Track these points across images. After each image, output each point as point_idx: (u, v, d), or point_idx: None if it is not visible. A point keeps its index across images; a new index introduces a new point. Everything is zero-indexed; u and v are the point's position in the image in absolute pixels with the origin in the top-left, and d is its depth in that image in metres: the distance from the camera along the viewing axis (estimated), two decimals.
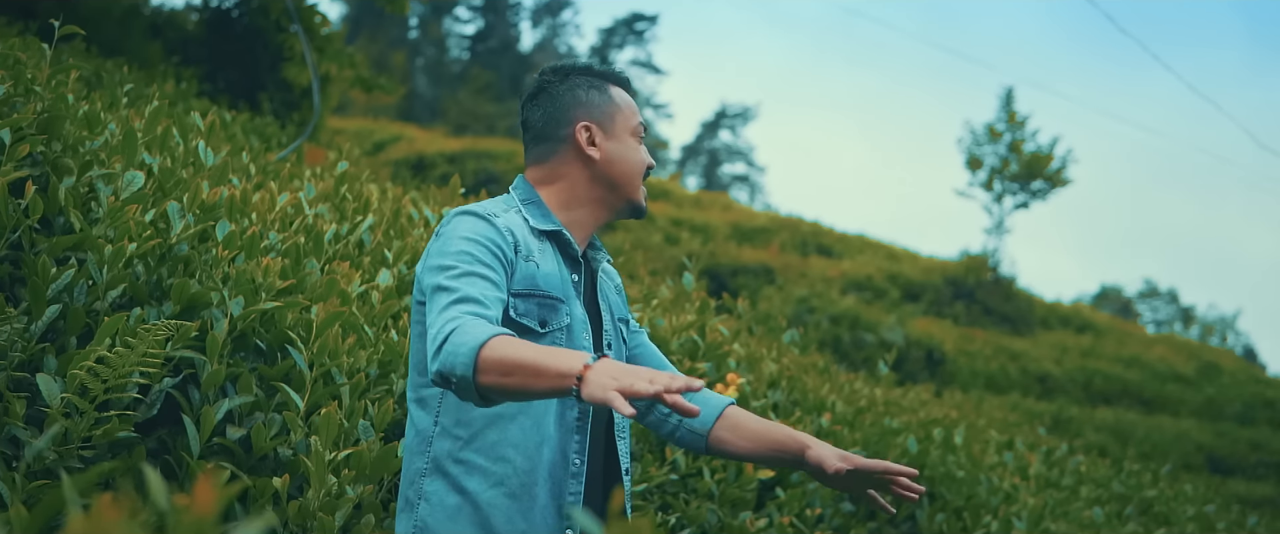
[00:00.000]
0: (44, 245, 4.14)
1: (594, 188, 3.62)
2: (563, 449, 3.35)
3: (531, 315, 3.35)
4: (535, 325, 3.35)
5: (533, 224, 3.51)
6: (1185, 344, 41.39)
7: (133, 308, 4.22)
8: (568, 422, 3.37)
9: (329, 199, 6.72)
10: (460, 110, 64.99)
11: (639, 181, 3.63)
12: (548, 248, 3.51)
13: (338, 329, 4.36)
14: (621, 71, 3.76)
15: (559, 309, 3.41)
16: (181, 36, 18.16)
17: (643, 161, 3.64)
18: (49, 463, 3.51)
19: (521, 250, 3.41)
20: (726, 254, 30.44)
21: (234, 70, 17.67)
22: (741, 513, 5.83)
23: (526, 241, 3.44)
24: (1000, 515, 7.73)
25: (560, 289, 3.44)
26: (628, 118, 3.66)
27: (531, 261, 3.41)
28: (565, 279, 3.49)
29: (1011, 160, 36.24)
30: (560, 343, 3.37)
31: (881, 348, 25.31)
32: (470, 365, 2.94)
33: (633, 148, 3.63)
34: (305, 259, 5.00)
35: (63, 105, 4.79)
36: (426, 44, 77.84)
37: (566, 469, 3.35)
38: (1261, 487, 23.92)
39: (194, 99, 13.12)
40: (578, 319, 3.46)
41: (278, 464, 4.13)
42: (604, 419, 3.52)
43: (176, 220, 4.48)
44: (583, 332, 3.46)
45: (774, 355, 8.40)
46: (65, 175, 4.51)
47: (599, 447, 3.50)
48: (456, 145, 36.82)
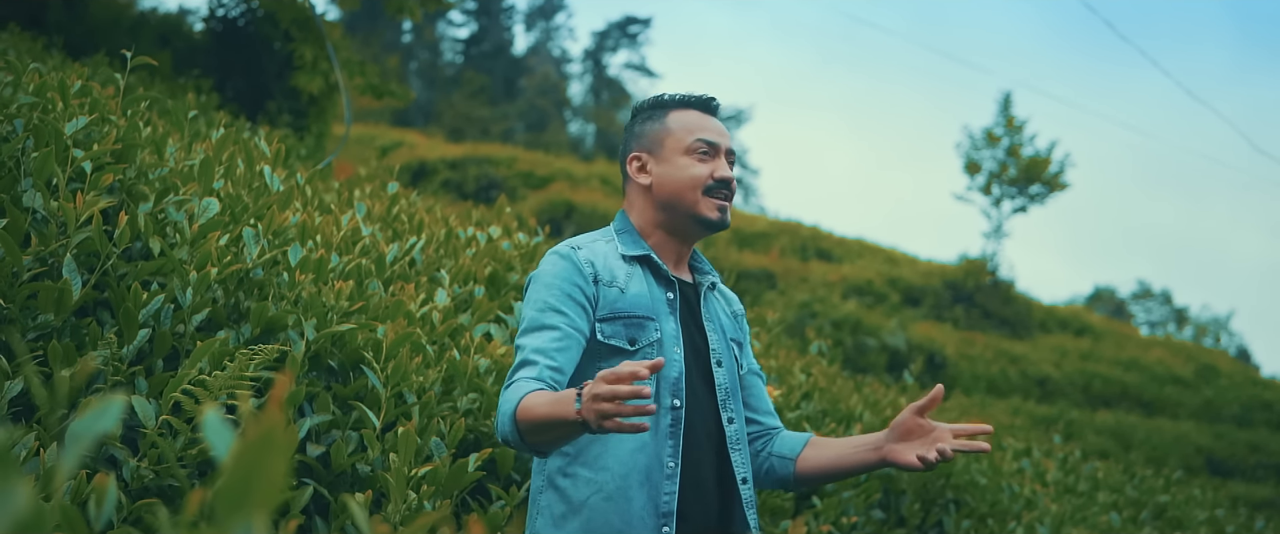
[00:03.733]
0: (127, 270, 4.28)
1: (657, 213, 3.82)
2: (657, 454, 3.51)
3: (619, 336, 3.58)
4: (624, 344, 3.57)
5: (623, 251, 3.73)
6: (1182, 346, 41.50)
7: (215, 331, 4.37)
8: (662, 429, 3.53)
9: (382, 219, 6.88)
10: (454, 114, 64.97)
11: (695, 195, 3.73)
12: (638, 271, 3.72)
13: (408, 349, 4.51)
14: (695, 94, 3.91)
15: (647, 326, 3.60)
16: (189, 46, 18.25)
17: (696, 176, 3.74)
18: (147, 482, 3.65)
19: (604, 277, 3.64)
20: (728, 259, 30.52)
21: (241, 79, 17.75)
22: (782, 522, 5.97)
23: (611, 269, 3.67)
24: (1023, 521, 7.89)
25: (649, 308, 3.63)
26: (679, 138, 3.79)
27: (615, 287, 3.63)
28: (657, 298, 3.68)
29: (1010, 164, 36.34)
30: (652, 357, 3.54)
31: (884, 352, 25.45)
32: (514, 434, 3.27)
33: (683, 166, 3.75)
34: (367, 280, 5.16)
35: (136, 134, 4.92)
36: (420, 48, 77.88)
37: (661, 471, 3.51)
38: (1261, 489, 24.04)
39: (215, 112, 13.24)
40: (669, 334, 3.63)
41: (356, 480, 4.28)
42: (714, 431, 3.67)
43: (252, 245, 4.62)
44: (675, 345, 3.63)
45: (803, 366, 8.57)
46: (141, 202, 4.65)
47: (710, 456, 3.65)
48: (458, 152, 36.88)
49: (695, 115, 3.86)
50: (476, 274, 6.39)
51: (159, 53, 16.46)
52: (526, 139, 63.22)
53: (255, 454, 1.21)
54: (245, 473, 1.20)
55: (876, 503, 7.22)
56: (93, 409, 1.28)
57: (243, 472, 1.20)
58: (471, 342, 5.17)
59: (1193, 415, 29.85)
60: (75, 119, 4.67)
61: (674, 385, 3.58)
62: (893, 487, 7.43)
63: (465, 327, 5.51)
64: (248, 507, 1.21)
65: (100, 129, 4.87)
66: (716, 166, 3.77)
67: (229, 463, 1.21)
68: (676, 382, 3.58)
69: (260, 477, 1.20)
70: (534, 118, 73.48)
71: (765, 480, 3.97)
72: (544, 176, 35.05)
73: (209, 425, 1.30)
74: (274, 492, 1.20)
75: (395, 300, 4.95)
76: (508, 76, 77.17)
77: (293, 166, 8.29)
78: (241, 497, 1.20)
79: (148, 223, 4.41)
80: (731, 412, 3.71)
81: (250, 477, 1.20)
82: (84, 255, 4.18)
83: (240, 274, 4.58)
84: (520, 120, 73.14)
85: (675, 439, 3.55)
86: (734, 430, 3.71)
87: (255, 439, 1.21)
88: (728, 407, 3.71)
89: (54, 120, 4.66)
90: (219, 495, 1.19)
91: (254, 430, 1.21)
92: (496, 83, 74.84)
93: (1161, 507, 11.47)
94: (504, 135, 63.59)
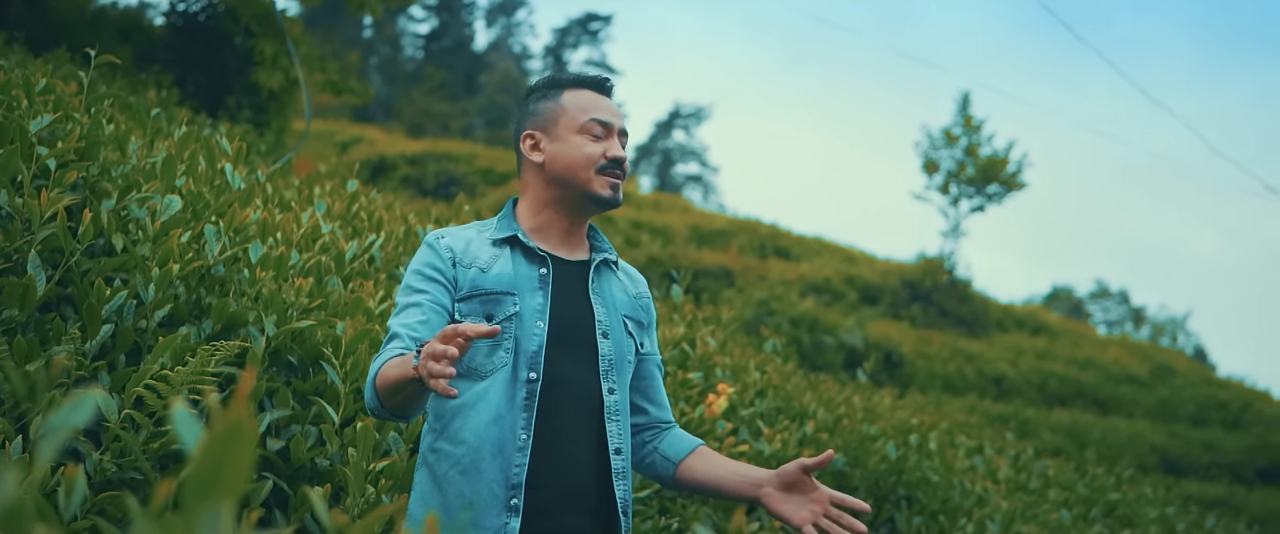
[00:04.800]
0: (89, 266, 4.34)
1: (549, 189, 3.88)
2: (511, 426, 3.59)
3: (475, 313, 3.67)
4: (482, 321, 3.66)
5: (491, 235, 3.84)
6: (1138, 346, 41.67)
7: (176, 326, 4.43)
8: (517, 401, 3.61)
9: (341, 217, 6.94)
10: (414, 109, 64.80)
11: (588, 173, 3.79)
12: (505, 252, 3.81)
13: (366, 345, 4.58)
14: (584, 73, 3.98)
15: (504, 301, 3.69)
16: (149, 40, 18.21)
17: (589, 155, 3.80)
18: (110, 475, 3.71)
19: (463, 260, 3.76)
20: (686, 256, 30.57)
21: (201, 75, 17.71)
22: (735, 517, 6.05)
23: (473, 252, 3.79)
24: (974, 518, 7.99)
25: (510, 285, 3.72)
26: (573, 117, 3.85)
27: (475, 268, 3.74)
28: (522, 276, 3.76)
29: (968, 164, 36.48)
30: (509, 331, 3.65)
31: (841, 350, 25.54)
32: (375, 400, 3.43)
33: (577, 144, 3.81)
34: (327, 277, 5.23)
35: (100, 131, 4.97)
36: (381, 43, 77.64)
37: (514, 444, 3.58)
38: (1214, 488, 24.24)
39: (174, 108, 13.24)
40: (530, 309, 3.70)
41: (315, 474, 4.35)
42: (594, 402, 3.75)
43: (214, 243, 4.68)
44: (536, 320, 3.70)
45: (758, 364, 8.65)
46: (104, 199, 4.70)
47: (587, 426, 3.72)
48: (417, 148, 36.83)
49: (589, 95, 3.93)
50: None
51: (119, 48, 16.42)
52: (486, 135, 63.13)
53: (222, 446, 1.27)
54: (212, 464, 1.27)
55: None
56: (67, 404, 1.34)
57: (210, 463, 1.27)
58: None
59: (1148, 415, 30.02)
60: (40, 117, 4.72)
61: (531, 359, 3.64)
62: (845, 483, 7.51)
63: None
64: (215, 497, 1.28)
65: (64, 126, 4.92)
66: (609, 146, 3.84)
67: (197, 455, 1.27)
68: (535, 356, 3.65)
69: (227, 468, 1.27)
70: (494, 114, 73.36)
71: (645, 472, 4.04)
72: (504, 173, 35.04)
73: (178, 419, 1.37)
74: (240, 482, 1.27)
75: (354, 297, 5.02)
76: (468, 72, 77.01)
77: (253, 163, 8.34)
78: (209, 487, 1.27)
79: (111, 220, 4.46)
80: (613, 383, 3.77)
81: (217, 468, 1.27)
82: (48, 252, 4.23)
83: (202, 271, 4.64)
84: (480, 116, 73.01)
85: (529, 411, 3.61)
86: (615, 400, 3.77)
87: (222, 432, 1.27)
88: (609, 378, 3.76)
89: (19, 118, 4.71)
90: (186, 486, 1.26)
91: (221, 424, 1.28)
92: (457, 79, 74.68)
93: (1112, 504, 11.58)
94: (464, 131, 63.47)
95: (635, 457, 4.02)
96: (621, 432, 3.79)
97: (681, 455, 3.93)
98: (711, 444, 6.12)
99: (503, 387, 3.62)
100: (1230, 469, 27.04)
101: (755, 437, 6.87)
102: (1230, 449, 27.85)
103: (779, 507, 3.59)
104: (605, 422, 3.75)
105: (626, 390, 3.84)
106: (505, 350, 3.65)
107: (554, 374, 3.68)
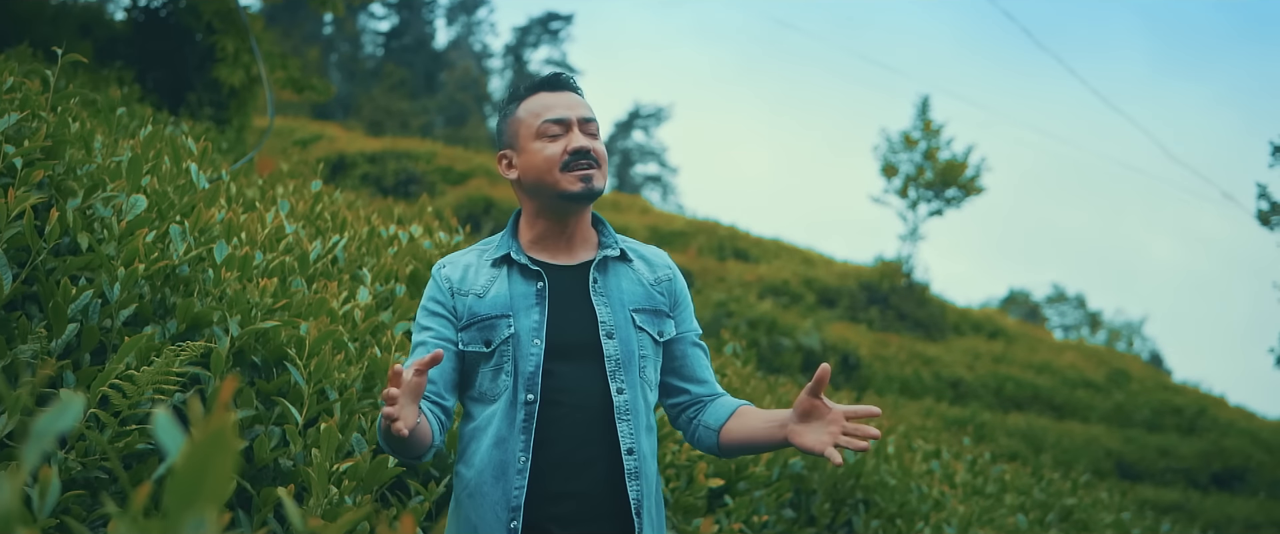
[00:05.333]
0: (55, 265, 4.35)
1: (531, 201, 3.95)
2: (511, 449, 3.67)
3: (475, 341, 3.79)
4: (481, 348, 3.78)
5: (489, 256, 3.94)
6: (1095, 351, 41.82)
7: (141, 326, 4.44)
8: (516, 424, 3.69)
9: (305, 217, 6.95)
10: (374, 107, 64.64)
11: (554, 175, 3.82)
12: (503, 272, 3.89)
13: (330, 346, 4.60)
14: (541, 76, 4.05)
15: (498, 326, 3.77)
16: (110, 36, 18.13)
17: (549, 157, 3.83)
18: (75, 473, 3.72)
19: (460, 288, 3.87)
20: None
21: (162, 71, 17.65)
22: (694, 519, 6.07)
23: (470, 278, 3.89)
24: (931, 522, 8.04)
25: (505, 307, 3.80)
26: (530, 125, 3.90)
27: (471, 295, 3.85)
28: (518, 294, 3.82)
29: (926, 168, 36.58)
30: (508, 355, 3.73)
31: (798, 352, 25.58)
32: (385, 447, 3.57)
33: (536, 150, 3.86)
34: (291, 277, 5.24)
35: (66, 130, 4.97)
36: (341, 40, 77.41)
37: (514, 466, 3.67)
38: (1169, 493, 24.37)
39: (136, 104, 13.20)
40: (526, 329, 3.77)
41: (278, 474, 4.36)
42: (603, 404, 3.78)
43: (179, 242, 4.69)
44: (533, 338, 3.76)
45: (719, 367, 8.69)
46: (70, 197, 4.71)
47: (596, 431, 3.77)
48: (377, 146, 36.74)
49: (542, 97, 3.96)
50: (398, 273, 6.47)
51: (80, 43, 16.36)
52: (446, 134, 63.03)
53: (204, 453, 1.30)
54: (195, 470, 1.30)
55: (787, 502, 7.33)
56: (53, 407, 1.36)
57: (193, 469, 1.30)
58: (392, 339, 5.26)
59: (1104, 419, 30.16)
60: (7, 115, 4.72)
61: (529, 380, 3.70)
62: (803, 486, 7.55)
63: (386, 324, 5.60)
64: (198, 502, 1.30)
65: (30, 125, 4.92)
66: (568, 140, 3.86)
67: (180, 461, 1.30)
68: (532, 376, 3.70)
69: (210, 474, 1.30)
70: (454, 112, 73.25)
71: (698, 446, 4.07)
72: (463, 172, 35.00)
73: (160, 425, 1.39)
74: (223, 488, 1.30)
75: (318, 298, 5.04)
76: (428, 71, 76.87)
77: (216, 162, 8.34)
78: (192, 493, 1.30)
79: (76, 219, 4.47)
80: (621, 382, 3.78)
81: (200, 474, 1.30)
82: (14, 250, 4.24)
83: (167, 270, 4.64)
84: (440, 114, 72.89)
85: (527, 434, 3.68)
86: (623, 400, 3.78)
87: (205, 439, 1.30)
88: (617, 378, 3.78)
89: None
90: (170, 491, 1.29)
91: (203, 431, 1.30)
92: (417, 77, 74.53)
93: (1068, 509, 11.65)
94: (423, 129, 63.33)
95: (686, 434, 4.09)
96: (634, 431, 3.81)
97: (722, 421, 3.96)
98: (671, 446, 6.16)
99: (504, 410, 3.71)
100: (1185, 474, 27.19)
101: None
102: (1185, 454, 28.00)
103: (803, 440, 3.64)
104: (616, 422, 3.77)
105: (638, 386, 3.85)
106: (506, 374, 3.73)
107: (556, 389, 3.74)
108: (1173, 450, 27.99)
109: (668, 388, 4.09)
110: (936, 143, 36.86)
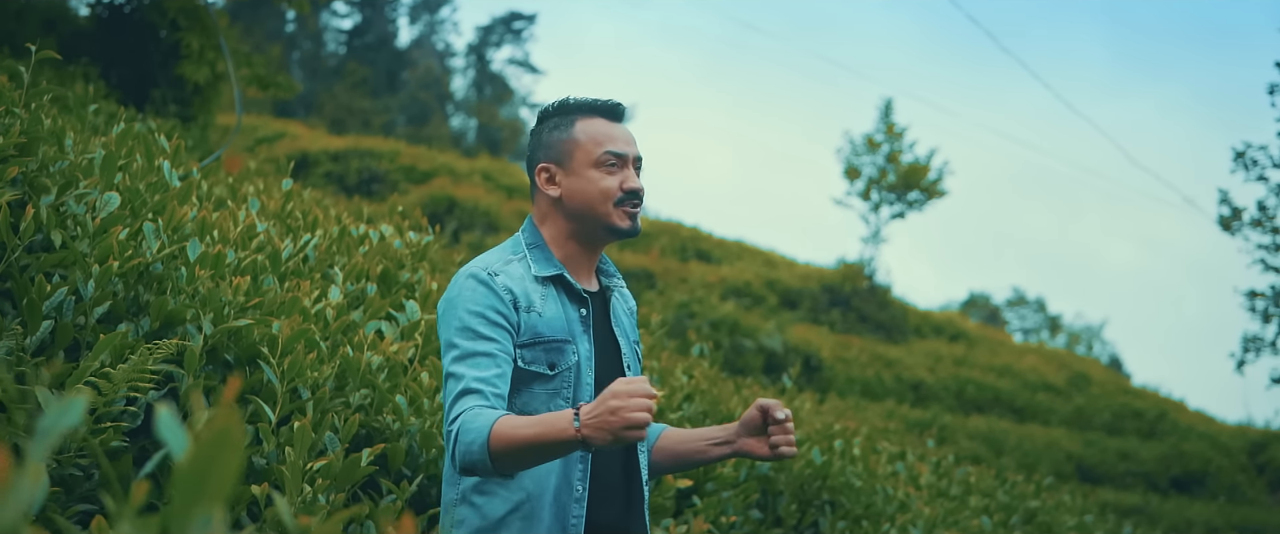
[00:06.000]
0: (29, 262, 4.35)
1: (568, 223, 3.90)
2: (567, 476, 3.65)
3: (539, 362, 3.70)
4: (545, 370, 3.70)
5: (535, 272, 3.82)
6: (1055, 354, 41.91)
7: (115, 323, 4.44)
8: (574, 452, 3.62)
9: (275, 216, 6.95)
10: (336, 105, 64.46)
11: (606, 208, 3.81)
12: (551, 292, 3.82)
13: (303, 344, 4.60)
14: (601, 101, 3.97)
15: (565, 350, 3.73)
16: (74, 31, 18.06)
17: (605, 190, 3.81)
18: (51, 471, 3.72)
19: (522, 304, 3.73)
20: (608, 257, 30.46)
21: (125, 67, 17.55)
22: (663, 519, 6.09)
23: (527, 293, 3.76)
24: (897, 524, 8.07)
25: (564, 331, 3.75)
26: (588, 151, 3.85)
27: (533, 312, 3.73)
28: (571, 318, 3.80)
29: (889, 171, 36.62)
30: (568, 381, 3.70)
31: (761, 354, 25.61)
32: (487, 462, 3.37)
33: (592, 179, 3.82)
34: (262, 276, 5.24)
35: (39, 126, 4.97)
36: (303, 38, 77.16)
37: (570, 494, 3.65)
38: (1130, 496, 24.45)
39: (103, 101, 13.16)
40: (583, 356, 3.76)
41: (252, 472, 4.36)
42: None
43: (153, 240, 4.68)
44: (588, 368, 3.76)
45: (685, 368, 8.71)
46: (43, 194, 4.70)
47: (618, 461, 3.81)
48: (340, 144, 36.61)
49: (602, 124, 3.92)
50: (369, 272, 6.47)
51: (44, 39, 16.28)
52: (408, 132, 62.89)
53: (210, 451, 1.30)
54: (202, 467, 1.30)
55: (754, 503, 7.35)
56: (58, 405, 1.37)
57: (199, 466, 1.30)
58: (365, 338, 5.26)
59: (1064, 422, 30.22)
60: None
61: None
62: (770, 487, 7.57)
63: (358, 323, 5.60)
64: (204, 500, 1.31)
65: (4, 121, 4.91)
66: (625, 177, 3.85)
67: (185, 459, 1.30)
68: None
69: (216, 471, 1.31)
70: (416, 111, 73.08)
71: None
72: (426, 171, 34.90)
73: (163, 422, 1.39)
74: (228, 486, 1.31)
75: (291, 297, 5.03)
76: (390, 69, 76.63)
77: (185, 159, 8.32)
78: (198, 490, 1.31)
79: (50, 216, 4.47)
80: None
81: (205, 472, 1.31)
82: None
83: (140, 268, 4.64)
84: (402, 113, 72.72)
85: (584, 463, 3.69)
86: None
87: (210, 437, 1.31)
88: None
89: None
90: (176, 488, 1.30)
91: (209, 429, 1.31)
92: (379, 75, 74.31)
93: (1032, 512, 11.69)
94: (385, 128, 63.15)
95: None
96: (645, 462, 3.87)
97: (650, 442, 4.02)
98: None
99: None
100: (1145, 478, 27.29)
101: None
102: (1145, 458, 28.11)
103: (752, 450, 3.78)
104: (637, 453, 3.83)
105: None
106: (563, 400, 3.70)
107: None
108: (1133, 454, 28.09)
109: None
110: (899, 146, 36.91)
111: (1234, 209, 23.78)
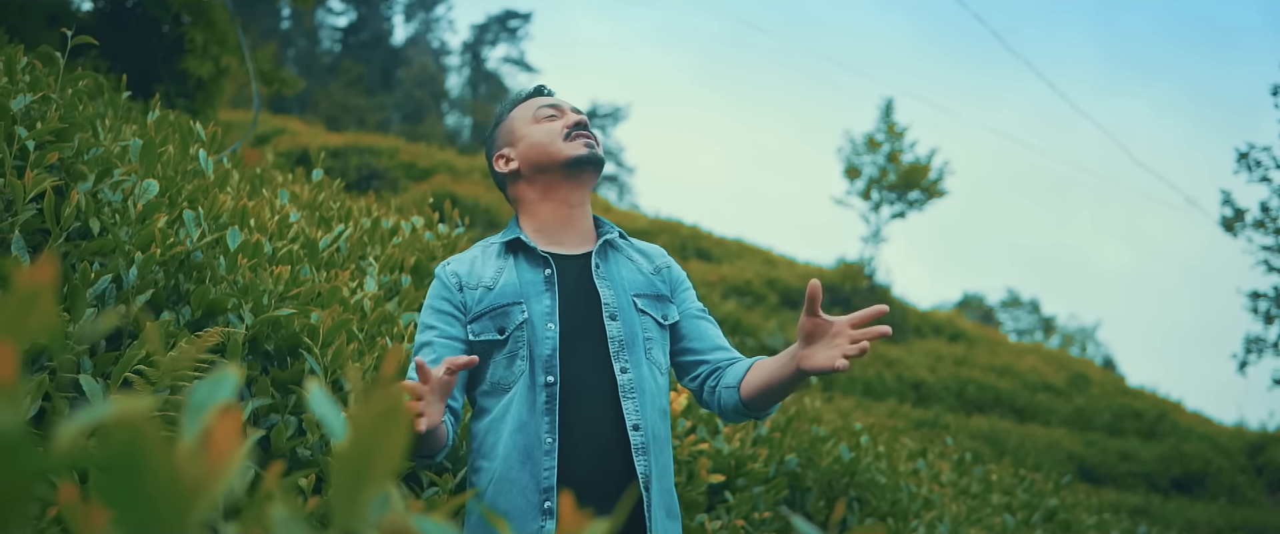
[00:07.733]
0: (67, 249, 4.28)
1: (533, 185, 4.02)
2: (536, 432, 3.67)
3: (488, 330, 3.80)
4: (495, 335, 3.80)
5: (497, 245, 4.00)
6: (1054, 355, 41.89)
7: (154, 312, 4.38)
8: (538, 406, 3.69)
9: (308, 206, 6.91)
10: (331, 103, 64.62)
11: (557, 145, 3.96)
12: (510, 261, 3.93)
13: (344, 335, 4.54)
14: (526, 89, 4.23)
15: (512, 312, 3.80)
16: (77, 26, 18.00)
17: (551, 131, 3.99)
18: None
19: (469, 282, 3.89)
20: None
21: (129, 62, 17.54)
22: (697, 515, 6.04)
23: (477, 272, 3.93)
24: (925, 520, 8.01)
25: (516, 293, 3.83)
26: (525, 118, 4.08)
27: (481, 286, 3.87)
28: (529, 281, 3.86)
29: (889, 170, 36.70)
30: (522, 340, 3.75)
31: (763, 353, 25.58)
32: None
33: (536, 131, 4.01)
34: (299, 266, 5.18)
35: (76, 113, 4.92)
36: (298, 35, 77.26)
37: (540, 448, 3.66)
38: (1132, 497, 24.43)
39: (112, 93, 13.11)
40: (539, 313, 3.80)
41: (295, 462, 4.31)
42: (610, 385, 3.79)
43: (193, 228, 4.63)
44: (547, 322, 3.79)
45: None
46: (80, 181, 4.64)
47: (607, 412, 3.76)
48: (339, 141, 36.66)
49: (532, 101, 4.14)
50: (403, 263, 6.44)
51: (48, 33, 16.26)
52: (403, 130, 63.03)
53: (376, 427, 1.24)
54: (366, 445, 1.24)
55: (783, 500, 7.30)
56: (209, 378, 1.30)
57: (365, 444, 1.24)
58: (402, 330, 5.22)
59: (1064, 422, 30.20)
60: (22, 96, 4.66)
61: (547, 363, 3.72)
62: (798, 483, 7.52)
63: (393, 315, 5.55)
64: (375, 478, 1.24)
65: (42, 108, 4.85)
66: (566, 119, 4.03)
67: (350, 436, 1.24)
68: (550, 359, 3.72)
69: (382, 448, 1.24)
70: (411, 109, 73.24)
71: (726, 415, 4.02)
72: (426, 168, 34.93)
73: (315, 400, 1.33)
74: (395, 462, 1.24)
75: (331, 287, 4.98)
76: (385, 67, 76.78)
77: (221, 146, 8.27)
78: (364, 468, 1.24)
79: (88, 203, 4.41)
80: (624, 362, 3.80)
81: (371, 448, 1.24)
82: (29, 233, 4.17)
83: (181, 257, 4.58)
84: (397, 111, 72.90)
85: (551, 415, 3.68)
86: (627, 379, 3.80)
87: (376, 412, 1.24)
88: (621, 358, 3.81)
89: (1, 96, 4.65)
90: (340, 468, 1.22)
91: (373, 405, 1.24)
92: (374, 73, 74.47)
93: (1052, 510, 11.66)
94: (380, 125, 63.33)
95: (712, 405, 4.03)
96: (639, 408, 3.80)
97: (740, 378, 3.93)
98: (673, 441, 6.12)
99: (523, 394, 3.71)
100: (1146, 478, 27.28)
101: (713, 435, 6.89)
102: (1145, 458, 28.09)
103: (814, 362, 3.58)
104: (621, 400, 3.77)
105: (644, 366, 3.86)
106: (521, 359, 3.75)
107: (571, 372, 3.75)
108: (1133, 454, 28.07)
109: (684, 366, 4.11)
110: (900, 145, 36.99)
111: (1237, 210, 23.79)
